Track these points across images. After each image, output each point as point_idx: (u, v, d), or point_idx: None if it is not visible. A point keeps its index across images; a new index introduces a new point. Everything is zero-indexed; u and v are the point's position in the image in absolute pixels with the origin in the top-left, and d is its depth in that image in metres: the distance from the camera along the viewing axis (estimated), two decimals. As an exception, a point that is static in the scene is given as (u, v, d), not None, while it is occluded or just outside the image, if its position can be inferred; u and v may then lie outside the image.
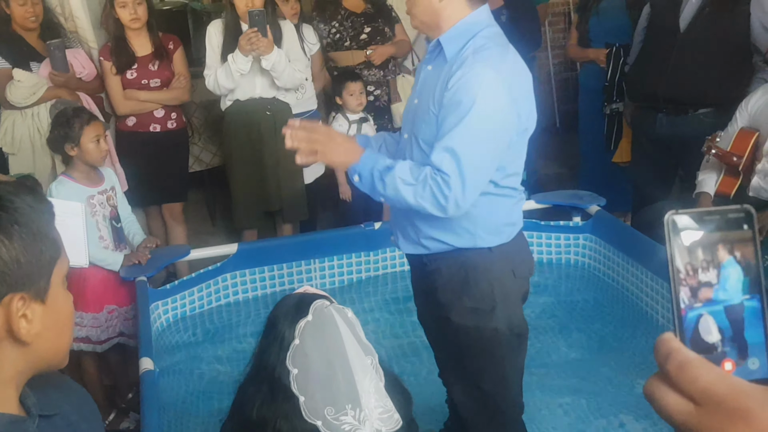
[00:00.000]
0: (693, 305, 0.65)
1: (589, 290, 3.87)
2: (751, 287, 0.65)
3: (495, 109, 2.12)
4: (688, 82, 3.93)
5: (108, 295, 3.40)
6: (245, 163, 4.27)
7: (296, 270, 3.88)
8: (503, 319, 2.37)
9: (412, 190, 2.13)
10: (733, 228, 0.66)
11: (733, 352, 0.64)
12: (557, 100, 7.02)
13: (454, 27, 2.21)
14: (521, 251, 2.45)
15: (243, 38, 3.89)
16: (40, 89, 3.94)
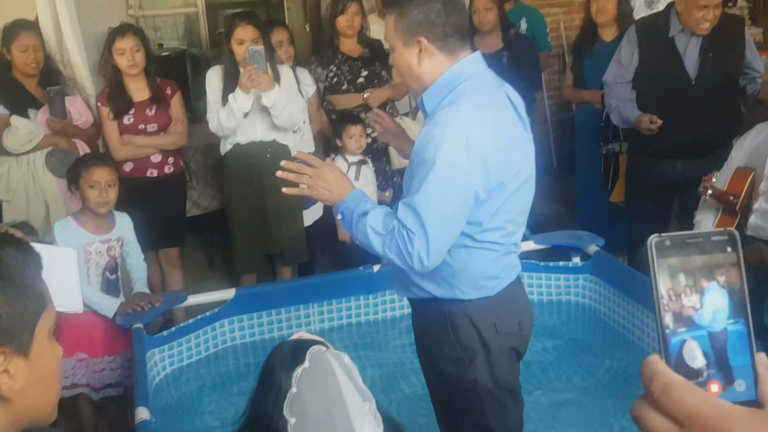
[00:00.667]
0: (677, 330, 0.65)
1: (590, 331, 3.85)
2: (735, 311, 0.65)
3: (454, 167, 2.08)
4: (709, 126, 3.99)
5: (83, 343, 3.36)
6: (246, 206, 4.28)
7: (294, 315, 3.85)
8: (484, 372, 2.33)
9: (380, 240, 2.14)
10: (717, 251, 0.65)
11: (718, 375, 0.64)
12: (554, 140, 7.05)
13: (435, 83, 2.21)
14: (507, 306, 2.38)
15: (243, 75, 3.92)
16: (37, 136, 3.96)
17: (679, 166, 4.12)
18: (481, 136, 2.12)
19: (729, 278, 0.65)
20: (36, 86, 4.09)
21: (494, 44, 4.93)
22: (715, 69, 3.97)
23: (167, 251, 4.49)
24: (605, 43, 4.85)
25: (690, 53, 4.01)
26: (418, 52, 2.18)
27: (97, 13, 4.34)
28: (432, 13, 2.16)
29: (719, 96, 3.99)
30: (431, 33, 2.17)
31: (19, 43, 4.00)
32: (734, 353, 0.64)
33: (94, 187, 3.35)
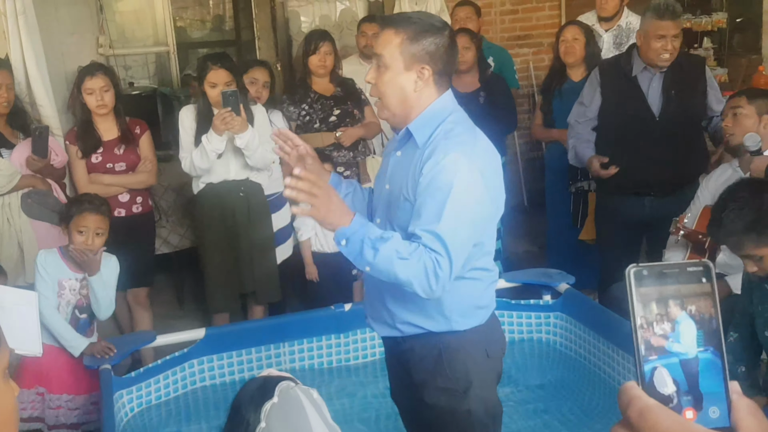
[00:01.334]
0: (648, 357, 0.66)
1: (560, 369, 3.84)
2: (707, 340, 0.66)
3: (472, 193, 2.14)
4: (674, 163, 4.04)
5: (42, 378, 3.33)
6: (219, 245, 4.26)
7: (265, 354, 3.81)
8: (477, 401, 2.35)
9: (405, 264, 2.08)
10: (693, 282, 0.67)
11: (692, 401, 0.65)
12: (524, 179, 7.11)
13: (423, 114, 2.24)
14: (494, 331, 2.45)
15: (217, 118, 3.92)
16: (16, 178, 3.88)
17: (646, 203, 4.17)
18: (488, 164, 2.21)
19: (702, 308, 0.66)
20: (5, 125, 4.01)
21: (471, 83, 4.99)
22: (678, 106, 4.04)
23: (135, 291, 4.44)
24: (574, 83, 4.92)
25: (653, 91, 4.08)
26: (416, 79, 2.21)
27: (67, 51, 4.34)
28: (442, 47, 2.21)
29: (683, 133, 4.04)
30: (434, 65, 2.21)
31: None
32: (706, 380, 0.66)
33: (82, 232, 3.33)
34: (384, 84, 2.24)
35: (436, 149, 2.16)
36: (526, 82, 7.09)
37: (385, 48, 2.21)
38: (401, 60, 2.19)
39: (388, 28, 2.22)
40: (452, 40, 2.26)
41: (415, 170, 2.20)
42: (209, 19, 10.06)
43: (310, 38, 4.77)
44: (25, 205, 3.93)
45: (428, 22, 2.22)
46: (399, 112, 2.26)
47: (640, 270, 0.68)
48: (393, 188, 2.29)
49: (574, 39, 4.87)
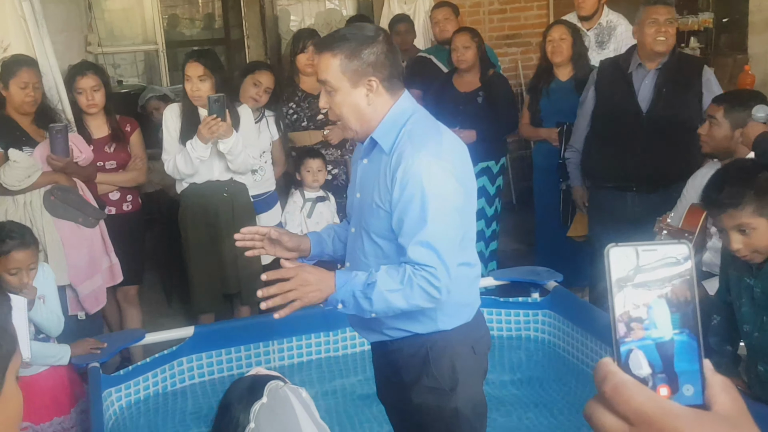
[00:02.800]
0: (625, 339, 0.67)
1: (549, 366, 3.86)
2: (683, 322, 0.66)
3: (447, 191, 2.16)
4: (658, 160, 4.06)
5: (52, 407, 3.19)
6: (203, 245, 4.24)
7: (254, 352, 3.81)
8: (464, 399, 2.36)
9: (401, 295, 2.13)
10: (672, 262, 0.67)
11: (666, 380, 0.66)
12: (513, 178, 7.13)
13: (383, 122, 2.24)
14: (479, 327, 2.46)
15: (203, 126, 3.90)
16: (36, 173, 3.74)
17: (628, 198, 4.21)
18: (456, 158, 2.22)
19: (681, 289, 0.67)
20: (30, 124, 3.94)
21: (472, 83, 5.00)
22: (667, 104, 4.06)
23: (125, 289, 4.44)
24: (561, 83, 4.94)
25: (644, 88, 4.12)
26: (366, 93, 2.20)
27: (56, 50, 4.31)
28: (381, 54, 2.19)
29: (670, 132, 4.05)
30: (380, 73, 2.20)
31: (18, 79, 3.84)
32: (681, 361, 0.66)
33: (15, 274, 3.04)
34: (338, 106, 2.23)
35: (403, 154, 2.16)
36: (515, 81, 7.12)
37: (328, 72, 2.19)
38: (346, 79, 2.18)
39: (325, 51, 2.20)
40: (389, 44, 2.25)
41: (385, 177, 2.20)
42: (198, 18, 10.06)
43: (298, 37, 4.78)
44: (47, 203, 3.79)
45: (361, 35, 2.20)
46: (361, 128, 2.26)
47: (619, 249, 0.68)
48: (364, 196, 2.30)
49: (561, 39, 4.89)
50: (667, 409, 0.62)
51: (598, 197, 4.44)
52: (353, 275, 2.17)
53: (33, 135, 3.92)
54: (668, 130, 4.06)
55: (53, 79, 4.12)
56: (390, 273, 2.14)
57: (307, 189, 4.41)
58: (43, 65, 4.04)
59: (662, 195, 4.08)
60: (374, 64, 2.18)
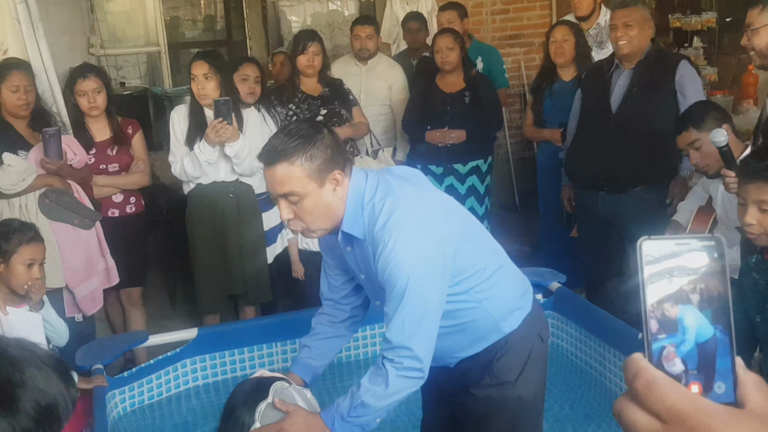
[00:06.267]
0: (657, 335, 0.65)
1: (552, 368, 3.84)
2: (715, 318, 0.65)
3: (427, 276, 2.11)
4: (625, 161, 4.06)
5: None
6: (208, 246, 4.25)
7: (258, 354, 3.81)
8: (527, 386, 2.36)
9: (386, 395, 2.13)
10: (703, 256, 0.66)
11: (700, 377, 0.65)
12: (516, 179, 7.13)
13: (347, 212, 2.17)
14: (539, 312, 2.47)
15: (210, 130, 3.92)
16: (30, 176, 3.72)
17: (599, 197, 4.25)
18: (427, 209, 2.16)
19: (714, 284, 0.66)
20: (26, 127, 3.92)
21: (456, 84, 5.01)
22: (636, 104, 4.07)
23: (129, 291, 4.44)
24: (564, 83, 4.94)
25: (618, 88, 4.14)
26: (334, 188, 2.14)
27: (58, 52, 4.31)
28: (332, 145, 2.13)
29: (639, 133, 4.02)
30: (339, 164, 2.14)
31: (9, 83, 3.82)
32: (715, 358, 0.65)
33: (31, 265, 3.03)
34: (307, 212, 2.14)
35: (374, 241, 2.12)
36: (518, 81, 7.11)
37: (291, 182, 2.09)
38: (313, 182, 2.09)
39: (280, 162, 2.09)
40: (331, 131, 2.20)
41: (371, 260, 2.16)
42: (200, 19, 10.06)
43: (298, 38, 4.78)
44: (42, 206, 3.77)
45: (306, 135, 2.10)
46: (331, 224, 2.20)
47: (651, 242, 0.67)
48: (368, 275, 2.25)
49: (564, 39, 4.89)
50: (701, 407, 0.61)
51: (577, 197, 4.53)
52: (336, 406, 2.16)
53: (28, 138, 3.91)
54: (636, 131, 4.03)
55: (48, 81, 4.11)
56: (371, 379, 2.14)
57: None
58: (36, 68, 4.03)
59: (633, 196, 4.10)
60: (331, 157, 2.11)
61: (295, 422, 2.13)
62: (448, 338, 2.30)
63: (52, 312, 3.19)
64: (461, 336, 2.32)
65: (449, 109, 4.96)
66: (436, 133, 4.95)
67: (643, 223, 3.83)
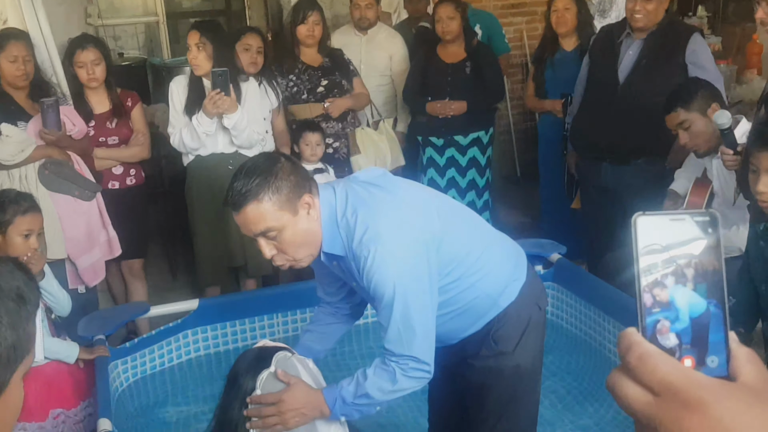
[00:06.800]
0: (651, 309, 0.66)
1: (552, 339, 3.86)
2: (710, 292, 0.66)
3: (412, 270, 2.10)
4: (629, 133, 4.03)
5: (52, 399, 3.05)
6: (208, 218, 4.24)
7: (259, 325, 3.82)
8: (525, 355, 2.38)
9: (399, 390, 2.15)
10: (698, 232, 0.67)
11: (692, 352, 0.65)
12: (517, 150, 7.11)
13: (324, 232, 2.16)
14: (535, 281, 2.47)
15: (207, 101, 3.90)
16: (29, 147, 3.70)
17: (602, 169, 4.23)
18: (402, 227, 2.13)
19: (708, 258, 0.66)
20: (25, 98, 3.90)
21: (457, 54, 4.97)
22: (644, 76, 4.02)
23: (130, 263, 4.45)
24: (566, 53, 4.91)
25: (628, 58, 4.09)
26: (307, 212, 2.12)
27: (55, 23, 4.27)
28: (292, 171, 2.12)
29: (645, 104, 3.96)
30: (306, 187, 2.13)
31: (8, 53, 3.78)
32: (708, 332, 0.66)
33: (28, 236, 2.98)
34: (288, 243, 2.13)
35: (355, 257, 2.11)
36: (520, 51, 7.07)
37: (265, 220, 2.08)
38: (285, 213, 2.09)
39: (247, 204, 2.07)
40: (288, 158, 2.20)
41: (358, 275, 2.15)
42: (199, -11, 9.97)
43: (298, 7, 4.72)
44: (42, 177, 3.75)
45: (265, 169, 2.09)
46: (315, 249, 2.18)
47: (647, 218, 0.67)
48: (359, 285, 2.24)
49: (566, 8, 4.85)
50: (693, 379, 0.61)
51: (581, 167, 4.51)
52: (340, 388, 2.16)
53: (28, 109, 3.88)
54: (643, 103, 3.99)
55: (47, 52, 4.08)
56: (379, 375, 2.14)
57: (305, 162, 4.39)
58: (35, 38, 4.00)
59: (635, 168, 4.08)
60: (296, 183, 2.11)
61: (295, 395, 2.14)
62: (450, 323, 2.32)
63: (53, 282, 3.18)
64: (462, 318, 2.33)
65: (450, 80, 4.93)
66: (437, 105, 4.92)
67: (646, 196, 3.82)
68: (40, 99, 3.74)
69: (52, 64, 4.11)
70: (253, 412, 2.13)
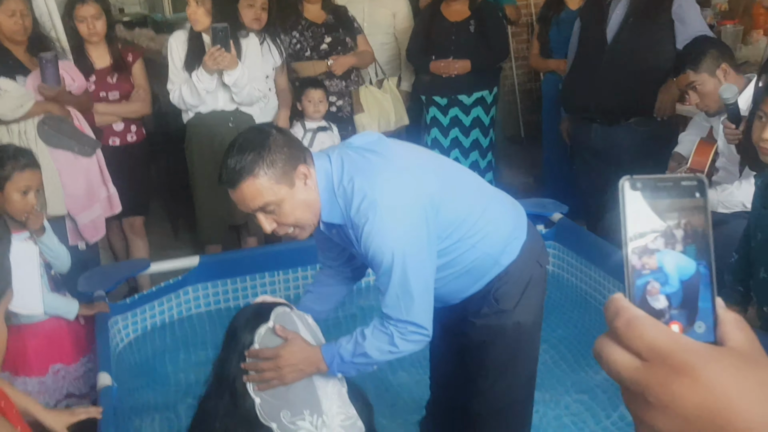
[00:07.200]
0: (642, 271, 0.65)
1: (553, 297, 3.87)
2: (699, 254, 0.65)
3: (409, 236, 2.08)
4: (619, 93, 4.02)
5: (52, 354, 3.05)
6: (209, 176, 4.21)
7: (260, 282, 3.84)
8: (525, 312, 2.38)
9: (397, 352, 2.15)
10: (686, 196, 0.66)
11: (681, 317, 0.65)
12: (522, 110, 7.06)
13: (321, 201, 2.13)
14: (535, 236, 2.45)
15: (208, 57, 3.87)
16: (28, 102, 3.67)
17: (593, 129, 4.22)
18: (399, 193, 2.10)
19: (695, 221, 0.65)
20: (24, 53, 3.87)
21: (461, 12, 4.91)
22: (631, 35, 4.00)
23: (131, 220, 4.45)
24: (571, 12, 4.86)
25: (615, 17, 4.08)
26: (304, 183, 2.10)
27: (56, -23, 4.22)
28: (285, 143, 2.09)
29: (633, 63, 3.96)
30: (300, 158, 2.10)
31: (5, 7, 3.76)
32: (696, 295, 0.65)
33: (26, 193, 2.94)
34: (288, 215, 2.11)
35: (353, 225, 2.09)
36: (526, 10, 6.98)
37: (262, 195, 2.06)
38: (282, 186, 2.06)
39: (243, 181, 2.05)
40: (280, 130, 2.16)
41: (356, 243, 2.13)
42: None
43: (302, -38, 4.66)
44: (41, 132, 3.72)
45: (257, 143, 2.06)
46: (315, 219, 2.16)
47: (634, 182, 0.66)
48: (358, 252, 2.21)
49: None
50: (681, 344, 0.60)
51: (573, 128, 4.50)
52: (338, 346, 2.14)
53: (27, 64, 3.85)
54: (631, 62, 3.98)
55: (45, 5, 4.04)
56: (377, 336, 2.13)
57: (307, 119, 4.37)
58: None
59: (626, 128, 4.06)
60: (289, 154, 2.08)
61: (293, 351, 2.13)
62: (451, 284, 2.32)
63: (53, 238, 3.16)
64: (463, 279, 2.33)
65: (454, 39, 4.87)
66: (440, 64, 4.87)
67: (637, 156, 3.81)
68: (39, 54, 3.71)
69: (51, 19, 4.07)
70: (250, 366, 2.13)
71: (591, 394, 3.12)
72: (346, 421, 2.17)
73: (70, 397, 3.08)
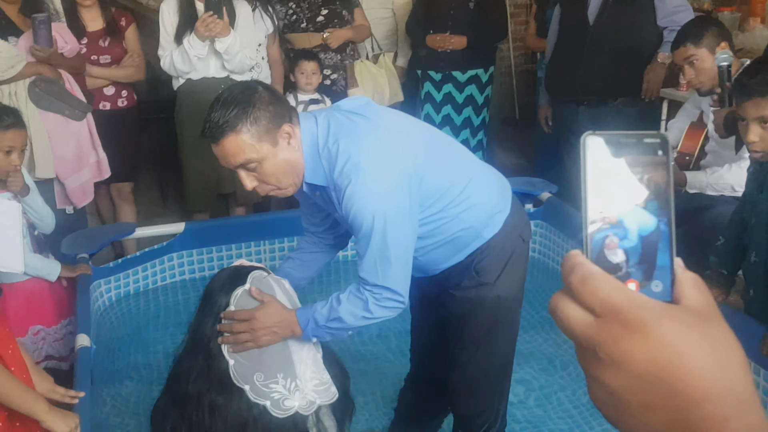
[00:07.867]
0: (601, 226, 0.64)
1: (539, 277, 3.87)
2: (661, 209, 0.65)
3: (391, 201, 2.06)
4: (603, 74, 4.04)
5: (32, 315, 3.02)
6: (197, 143, 4.18)
7: (245, 251, 3.83)
8: (506, 286, 2.36)
9: (372, 318, 2.13)
10: (648, 153, 0.65)
11: (638, 274, 0.64)
12: (517, 92, 7.03)
13: (306, 161, 2.11)
14: (520, 211, 2.44)
15: (200, 23, 3.84)
16: (19, 63, 3.63)
17: (580, 111, 4.22)
18: (384, 157, 2.08)
19: (657, 178, 0.65)
20: (17, 13, 3.81)
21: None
22: (612, 15, 4.02)
23: (119, 185, 4.43)
24: (568, -8, 4.82)
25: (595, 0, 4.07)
26: (288, 142, 2.07)
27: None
28: (270, 101, 2.06)
29: (616, 44, 3.99)
30: (285, 117, 2.08)
31: None
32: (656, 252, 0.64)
33: (9, 152, 2.87)
34: (270, 174, 2.09)
35: (336, 187, 2.07)
36: (525, -9, 6.93)
37: (243, 152, 2.04)
38: (265, 144, 2.04)
39: (225, 136, 2.03)
40: (266, 86, 2.14)
41: (338, 206, 2.11)
42: None
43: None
44: (32, 94, 3.69)
45: (242, 99, 2.03)
46: (298, 178, 2.13)
47: (596, 137, 0.65)
48: (341, 216, 2.18)
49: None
50: (635, 301, 0.59)
51: (557, 112, 4.49)
52: (313, 311, 2.13)
53: (19, 24, 3.80)
54: (614, 42, 4.00)
55: None
56: (352, 301, 2.12)
57: (300, 92, 4.34)
58: None
59: (613, 109, 4.08)
60: (274, 113, 2.05)
61: (268, 313, 2.12)
62: (432, 253, 2.30)
63: (38, 198, 3.13)
64: (445, 249, 2.31)
65: (452, 14, 4.84)
66: (437, 38, 4.84)
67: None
68: (32, 14, 3.67)
69: None
70: (225, 327, 2.12)
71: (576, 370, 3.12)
72: (320, 386, 2.16)
73: (49, 358, 3.06)
